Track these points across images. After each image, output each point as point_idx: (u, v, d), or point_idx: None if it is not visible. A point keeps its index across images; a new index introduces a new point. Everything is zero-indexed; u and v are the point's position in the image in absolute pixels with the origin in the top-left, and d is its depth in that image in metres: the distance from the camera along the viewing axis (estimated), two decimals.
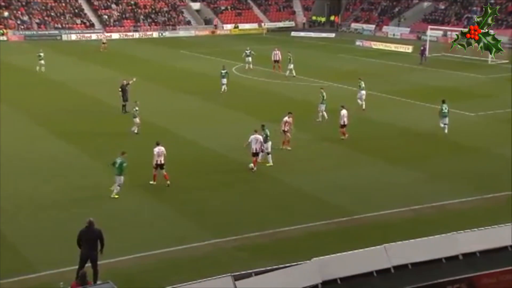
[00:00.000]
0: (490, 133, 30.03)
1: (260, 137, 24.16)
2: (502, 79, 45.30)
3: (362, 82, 34.91)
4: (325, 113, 31.49)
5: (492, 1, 70.75)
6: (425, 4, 78.53)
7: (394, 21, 78.25)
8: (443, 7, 75.99)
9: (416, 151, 27.01)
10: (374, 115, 33.55)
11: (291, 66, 44.96)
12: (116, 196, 21.00)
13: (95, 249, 15.09)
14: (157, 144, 22.77)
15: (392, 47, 62.83)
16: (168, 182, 22.29)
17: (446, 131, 29.02)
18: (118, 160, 21.02)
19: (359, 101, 33.98)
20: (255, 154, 24.09)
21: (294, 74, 44.74)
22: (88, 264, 15.14)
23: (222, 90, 39.13)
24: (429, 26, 64.10)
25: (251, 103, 36.66)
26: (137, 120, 29.23)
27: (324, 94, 31.72)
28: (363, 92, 34.44)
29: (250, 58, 48.79)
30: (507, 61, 51.31)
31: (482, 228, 15.45)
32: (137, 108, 29.28)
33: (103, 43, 63.41)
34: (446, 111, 29.06)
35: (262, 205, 20.75)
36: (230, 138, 28.70)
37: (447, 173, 23.88)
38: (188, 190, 22.17)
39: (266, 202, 21.03)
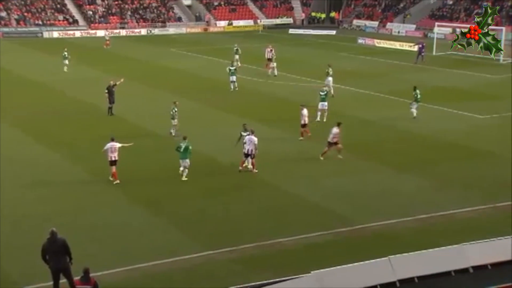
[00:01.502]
0: (502, 137, 30.15)
1: (255, 139, 24.29)
2: None
3: (330, 69, 38.75)
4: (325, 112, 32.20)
5: None
6: None
7: (398, 18, 78.53)
8: (451, 2, 76.32)
9: (422, 156, 27.12)
10: (376, 117, 33.68)
11: (274, 64, 45.81)
12: (186, 179, 23.49)
13: (64, 260, 15.08)
14: (111, 140, 23.52)
15: (397, 45, 63.07)
16: (118, 180, 23.13)
17: (414, 115, 32.60)
18: (183, 145, 23.58)
19: (326, 88, 34.70)
20: (247, 155, 24.32)
21: (276, 74, 45.27)
22: (64, 280, 15.13)
23: (232, 88, 40.17)
24: (436, 23, 64.44)
25: (244, 104, 36.75)
26: (175, 121, 29.58)
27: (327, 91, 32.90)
28: (330, 79, 37.87)
29: (237, 56, 49.45)
30: None
31: (494, 239, 15.54)
32: (176, 109, 29.56)
33: (107, 40, 64.19)
34: (419, 97, 32.78)
35: (258, 214, 20.80)
36: (223, 141, 28.74)
37: (455, 180, 23.98)
38: (180, 198, 22.21)
39: (263, 211, 21.08)
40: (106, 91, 34.05)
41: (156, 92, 40.81)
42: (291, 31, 78.58)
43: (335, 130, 26.04)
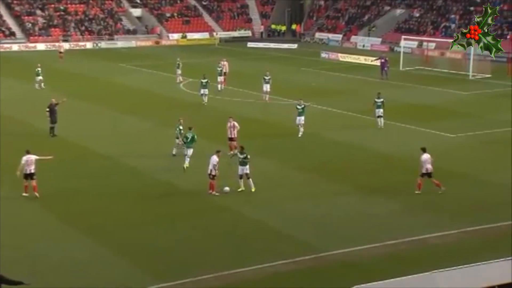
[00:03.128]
0: (474, 157, 30.86)
1: (215, 159, 24.43)
2: (485, 95, 46.71)
3: (268, 72, 42.55)
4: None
5: (472, 8, 73.20)
6: (398, 11, 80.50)
7: (363, 31, 79.90)
8: (417, 14, 78.04)
9: (391, 177, 27.53)
10: (343, 136, 34.10)
11: (221, 78, 46.86)
12: (188, 166, 27.01)
13: None
14: (27, 153, 24.39)
15: (362, 59, 64.08)
16: (37, 194, 23.89)
17: (381, 123, 35.43)
18: (189, 135, 27.61)
19: (263, 95, 39.67)
20: (209, 175, 24.52)
21: (222, 88, 46.52)
22: None
23: (205, 101, 41.50)
24: (403, 36, 65.73)
25: (201, 122, 36.73)
26: (179, 140, 29.37)
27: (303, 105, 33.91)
28: (268, 85, 41.99)
29: (179, 71, 50.60)
30: (489, 75, 53.01)
31: (465, 266, 15.81)
32: (181, 128, 29.47)
33: (60, 52, 64.39)
34: (382, 102, 35.53)
35: (216, 242, 20.77)
36: (177, 164, 28.67)
37: (426, 203, 24.37)
38: (130, 226, 22.03)
39: (221, 239, 21.06)
40: (48, 109, 33.68)
41: (104, 111, 40.52)
42: (250, 44, 79.17)
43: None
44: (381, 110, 35.62)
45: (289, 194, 25.18)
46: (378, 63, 54.90)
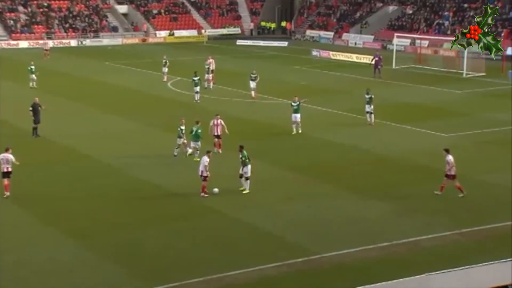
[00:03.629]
0: (467, 157, 30.88)
1: (206, 160, 24.43)
2: (479, 94, 46.89)
3: (254, 70, 43.41)
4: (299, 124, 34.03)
5: (465, 5, 73.52)
6: (391, 8, 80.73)
7: (355, 28, 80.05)
8: (410, 11, 78.29)
9: (384, 178, 27.57)
10: (334, 136, 34.12)
11: (209, 76, 47.05)
12: (198, 159, 26.35)
13: None
14: (6, 150, 24.87)
15: (354, 57, 64.19)
16: (8, 193, 24.20)
17: (371, 119, 35.97)
18: (194, 129, 28.57)
19: (252, 92, 41.51)
20: (200, 177, 24.50)
21: (211, 87, 46.55)
22: None
23: (196, 99, 41.72)
24: (396, 34, 65.91)
25: (188, 122, 36.67)
26: (181, 140, 29.65)
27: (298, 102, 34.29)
28: (254, 83, 42.77)
29: (166, 69, 50.51)
30: (483, 74, 53.23)
31: (460, 268, 15.86)
32: (183, 128, 29.57)
33: (45, 50, 64.47)
34: (370, 98, 36.07)
35: (205, 245, 20.72)
36: (164, 165, 28.62)
37: (420, 205, 24.43)
38: (115, 228, 21.93)
39: (210, 242, 21.01)
40: (31, 109, 33.46)
41: (89, 111, 40.36)
42: (239, 42, 79.13)
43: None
44: (371, 106, 35.80)
45: (281, 196, 25.16)
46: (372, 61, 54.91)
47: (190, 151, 29.41)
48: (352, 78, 53.84)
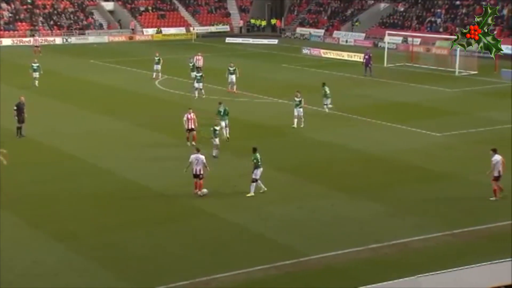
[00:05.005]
0: (460, 156, 31.12)
1: (203, 157, 24.39)
2: (472, 93, 47.13)
3: (232, 64, 44.89)
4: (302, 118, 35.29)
5: (458, 3, 73.83)
6: (382, 5, 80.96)
7: (346, 25, 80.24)
8: (402, 9, 78.54)
9: (375, 179, 27.69)
10: (324, 135, 34.22)
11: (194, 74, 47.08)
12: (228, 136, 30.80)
13: None
14: None
15: (345, 55, 64.36)
16: None
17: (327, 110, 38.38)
18: (221, 109, 31.72)
19: (229, 86, 43.32)
20: (196, 176, 24.50)
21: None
22: None
23: (197, 95, 42.31)
24: (387, 31, 66.08)
25: (176, 122, 36.73)
26: (217, 140, 29.54)
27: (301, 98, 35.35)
28: (233, 76, 44.24)
29: (159, 66, 50.46)
30: (476, 72, 53.49)
31: (452, 269, 15.97)
32: (216, 128, 29.66)
33: (36, 46, 64.75)
34: (328, 92, 38.40)
35: (194, 247, 20.77)
36: (153, 166, 28.65)
37: (411, 205, 24.55)
38: (103, 230, 21.95)
39: (200, 244, 21.07)
40: (15, 108, 33.38)
41: (75, 110, 40.30)
42: (228, 40, 79.14)
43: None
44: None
45: (271, 197, 25.21)
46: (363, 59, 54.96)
47: (215, 153, 29.30)
48: (343, 76, 53.97)
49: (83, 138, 33.74)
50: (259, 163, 25.01)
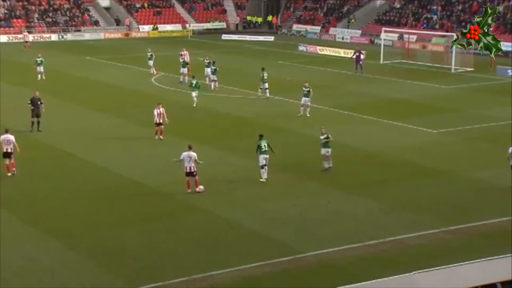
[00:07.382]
0: (456, 153, 31.15)
1: (194, 154, 24.43)
2: (468, 89, 47.19)
3: (207, 56, 46.64)
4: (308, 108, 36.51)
5: (453, 0, 73.85)
6: (378, 2, 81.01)
7: (342, 22, 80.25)
8: (398, 6, 78.57)
9: (371, 175, 27.71)
10: (319, 132, 34.15)
11: (185, 70, 47.46)
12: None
13: None
14: (6, 132, 26.67)
15: (341, 52, 64.33)
16: (14, 169, 26.30)
17: (267, 95, 41.13)
18: (194, 81, 39.09)
19: (211, 83, 44.40)
20: (189, 174, 24.49)
21: (186, 81, 46.15)
22: None
23: (195, 102, 40.45)
24: (383, 28, 66.13)
25: (173, 119, 36.67)
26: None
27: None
28: (209, 69, 44.76)
29: (152, 62, 50.77)
30: (472, 69, 53.55)
31: (448, 266, 15.99)
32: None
33: (26, 42, 65.51)
34: (266, 78, 41.38)
35: (189, 244, 20.77)
36: (149, 163, 28.64)
37: (406, 202, 24.59)
38: (98, 227, 21.95)
39: (194, 241, 21.07)
40: (29, 102, 33.69)
41: (70, 107, 40.31)
42: (224, 36, 79.09)
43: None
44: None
45: (267, 193, 25.24)
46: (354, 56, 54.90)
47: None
48: (338, 73, 54.00)
49: (78, 135, 33.70)
50: (263, 150, 25.65)
